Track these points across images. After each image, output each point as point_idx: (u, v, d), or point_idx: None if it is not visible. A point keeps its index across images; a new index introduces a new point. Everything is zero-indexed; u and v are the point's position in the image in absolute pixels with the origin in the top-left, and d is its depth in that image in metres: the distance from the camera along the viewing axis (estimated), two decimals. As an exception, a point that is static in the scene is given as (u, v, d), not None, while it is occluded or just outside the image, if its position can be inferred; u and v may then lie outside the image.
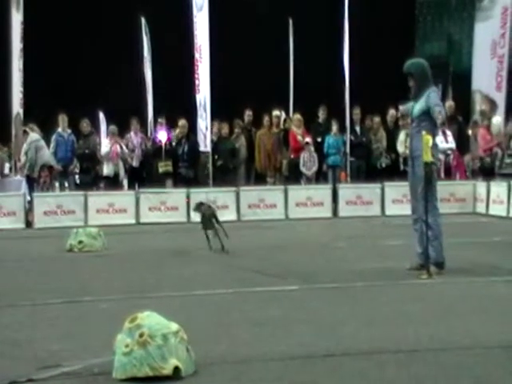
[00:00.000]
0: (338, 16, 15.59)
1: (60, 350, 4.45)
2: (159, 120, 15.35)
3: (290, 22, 18.96)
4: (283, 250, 9.24)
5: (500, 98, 14.87)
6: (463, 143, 14.39)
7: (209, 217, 9.14)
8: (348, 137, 14.83)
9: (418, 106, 7.19)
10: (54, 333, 4.95)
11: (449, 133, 11.55)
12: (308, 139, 14.63)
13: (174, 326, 4.05)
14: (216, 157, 14.54)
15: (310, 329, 4.94)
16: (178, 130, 14.67)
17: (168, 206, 13.42)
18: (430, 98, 7.08)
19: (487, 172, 13.98)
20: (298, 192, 13.89)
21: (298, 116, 15.23)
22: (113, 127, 15.21)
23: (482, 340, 4.55)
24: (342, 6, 15.07)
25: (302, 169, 14.62)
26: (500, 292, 6.23)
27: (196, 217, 10.40)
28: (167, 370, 3.88)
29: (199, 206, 9.48)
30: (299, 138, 14.65)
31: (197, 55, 14.73)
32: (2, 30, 15.81)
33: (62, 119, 14.75)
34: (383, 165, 14.64)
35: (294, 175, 14.64)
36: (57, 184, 14.85)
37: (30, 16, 15.99)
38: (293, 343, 4.54)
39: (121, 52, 23.25)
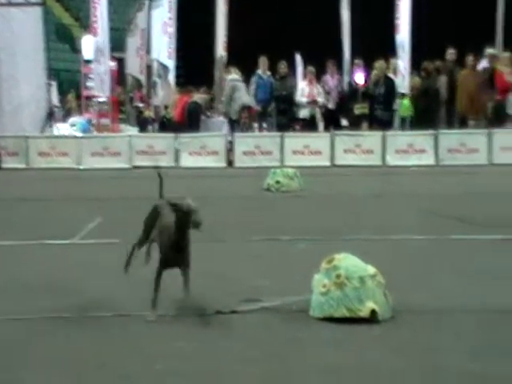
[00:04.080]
0: None
1: (260, 285, 4.62)
2: (356, 61, 15.11)
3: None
4: (487, 198, 8.74)
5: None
6: None
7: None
8: None
9: None
10: (255, 269, 5.14)
11: None
12: (517, 79, 13.59)
13: (371, 270, 4.01)
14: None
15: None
16: (374, 72, 14.35)
17: (363, 148, 13.28)
18: None
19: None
20: (503, 136, 13.03)
21: (507, 54, 14.19)
22: (310, 68, 15.23)
23: None
24: None
25: (510, 111, 13.69)
26: None
27: None
28: (364, 312, 3.88)
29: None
30: (507, 78, 13.68)
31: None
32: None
33: (263, 62, 15.05)
34: None
35: (499, 118, 13.75)
36: (255, 125, 15.29)
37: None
38: (503, 297, 4.28)
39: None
